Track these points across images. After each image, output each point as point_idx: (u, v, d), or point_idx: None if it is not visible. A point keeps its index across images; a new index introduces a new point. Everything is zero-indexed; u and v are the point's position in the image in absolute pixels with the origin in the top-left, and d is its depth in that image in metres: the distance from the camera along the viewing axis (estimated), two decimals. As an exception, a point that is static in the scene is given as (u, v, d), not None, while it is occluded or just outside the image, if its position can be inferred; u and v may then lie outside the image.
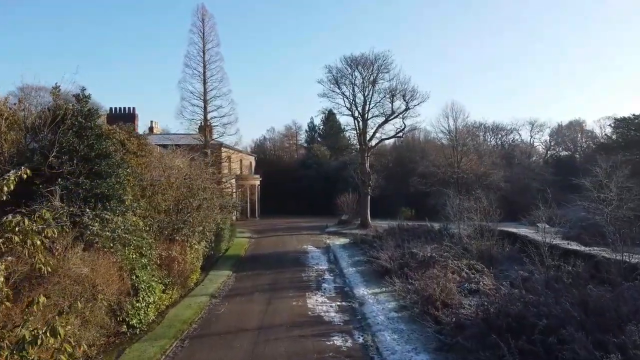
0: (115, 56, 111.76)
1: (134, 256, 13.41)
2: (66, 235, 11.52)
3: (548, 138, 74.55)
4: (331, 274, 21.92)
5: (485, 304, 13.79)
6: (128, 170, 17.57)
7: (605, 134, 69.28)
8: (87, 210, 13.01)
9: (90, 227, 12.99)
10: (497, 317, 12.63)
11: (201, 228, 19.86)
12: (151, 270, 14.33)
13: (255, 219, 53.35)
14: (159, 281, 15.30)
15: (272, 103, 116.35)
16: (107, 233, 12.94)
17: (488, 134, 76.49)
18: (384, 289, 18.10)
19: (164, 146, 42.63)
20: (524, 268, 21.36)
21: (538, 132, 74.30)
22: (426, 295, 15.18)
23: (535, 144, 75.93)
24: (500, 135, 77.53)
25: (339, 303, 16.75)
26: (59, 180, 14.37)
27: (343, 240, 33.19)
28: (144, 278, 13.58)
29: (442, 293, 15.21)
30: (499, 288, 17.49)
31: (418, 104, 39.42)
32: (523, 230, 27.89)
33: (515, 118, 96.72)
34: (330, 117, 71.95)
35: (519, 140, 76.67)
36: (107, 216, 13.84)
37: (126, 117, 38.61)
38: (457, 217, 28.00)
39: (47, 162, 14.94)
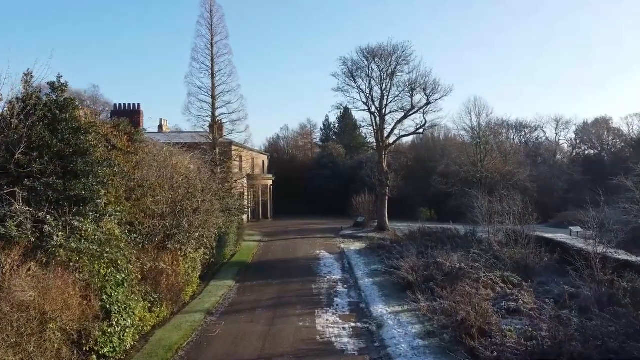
0: (124, 54, 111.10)
1: (106, 271, 11.17)
2: (15, 249, 9.33)
3: (573, 136, 70.72)
4: (345, 286, 19.45)
5: (535, 335, 11.17)
6: (112, 169, 15.49)
7: (635, 132, 65.50)
8: (48, 217, 10.79)
9: (55, 236, 10.79)
10: (554, 354, 10.02)
11: (198, 234, 17.59)
12: (130, 287, 12.09)
13: (268, 221, 51.20)
14: (142, 298, 13.07)
15: (286, 100, 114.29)
16: (73, 244, 10.72)
17: (511, 131, 73.31)
18: (405, 307, 15.57)
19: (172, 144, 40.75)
20: (567, 281, 18.67)
21: (564, 129, 70.53)
22: (459, 320, 12.60)
23: (560, 142, 72.26)
24: (524, 133, 74.24)
25: (353, 324, 14.29)
26: (26, 180, 12.26)
27: (358, 245, 30.70)
28: (119, 297, 11.33)
29: (477, 316, 12.63)
30: (543, 308, 14.86)
31: (440, 97, 36.74)
32: (561, 237, 25.02)
33: (539, 115, 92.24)
34: (346, 115, 69.49)
35: (544, 138, 73.15)
36: (77, 223, 11.66)
37: (131, 113, 36.71)
38: (487, 220, 25.25)
39: (14, 159, 12.87)
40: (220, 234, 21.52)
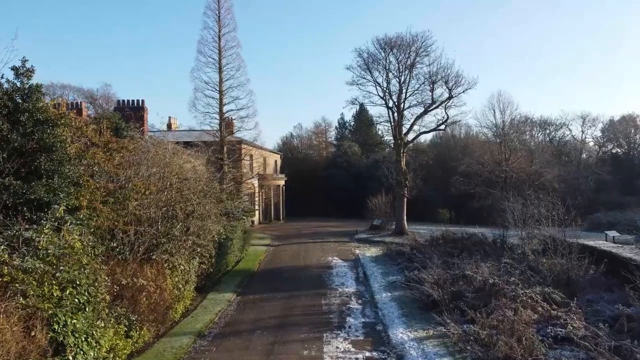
0: (135, 52, 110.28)
1: (61, 294, 9.00)
2: None
3: (600, 134, 66.99)
4: (359, 301, 17.06)
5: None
6: (91, 168, 13.43)
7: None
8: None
9: (-3, 252, 8.68)
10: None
11: (191, 242, 15.39)
12: (95, 311, 9.90)
13: (280, 223, 49.03)
14: (115, 322, 10.90)
15: (300, 98, 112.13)
16: (16, 261, 8.59)
17: (535, 128, 69.95)
18: (431, 332, 13.13)
19: (180, 144, 38.85)
20: (618, 298, 15.99)
21: (590, 127, 66.76)
22: (500, 357, 10.11)
23: (587, 140, 68.59)
24: (548, 131, 70.74)
25: (368, 354, 11.89)
26: (-24, 181, 10.24)
27: (375, 251, 28.25)
28: (78, 325, 9.16)
29: (524, 351, 10.14)
30: (597, 335, 12.25)
31: (463, 91, 33.97)
32: (604, 244, 22.23)
33: (564, 112, 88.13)
34: (361, 112, 66.96)
35: (569, 136, 69.59)
36: (29, 233, 9.55)
37: (135, 109, 34.96)
38: (520, 225, 22.54)
39: (-35, 156, 10.91)
40: (220, 240, 19.32)
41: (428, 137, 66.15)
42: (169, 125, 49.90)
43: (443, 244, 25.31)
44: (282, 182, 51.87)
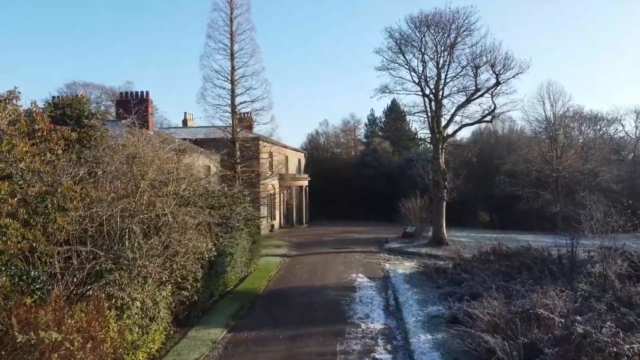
0: (155, 49, 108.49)
1: None
2: None
3: (655, 129, 59.76)
4: (388, 347, 12.50)
5: None
6: None
7: None
8: None
9: None
10: None
11: (153, 267, 11.20)
12: None
13: (302, 227, 44.86)
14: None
15: (327, 94, 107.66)
16: None
17: (584, 124, 63.30)
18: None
19: (191, 141, 35.22)
20: None
21: (646, 122, 59.61)
22: None
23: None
24: (598, 126, 63.89)
25: None
26: None
27: (409, 266, 23.61)
28: None
29: None
30: None
31: (513, 76, 28.75)
32: None
33: (616, 106, 79.98)
34: (393, 108, 62.10)
35: (622, 132, 62.67)
36: None
37: (137, 102, 31.44)
38: (600, 236, 17.36)
39: None
40: (210, 258, 15.11)
41: (466, 133, 60.50)
42: (185, 122, 46.59)
43: (495, 260, 20.41)
44: (305, 183, 47.68)
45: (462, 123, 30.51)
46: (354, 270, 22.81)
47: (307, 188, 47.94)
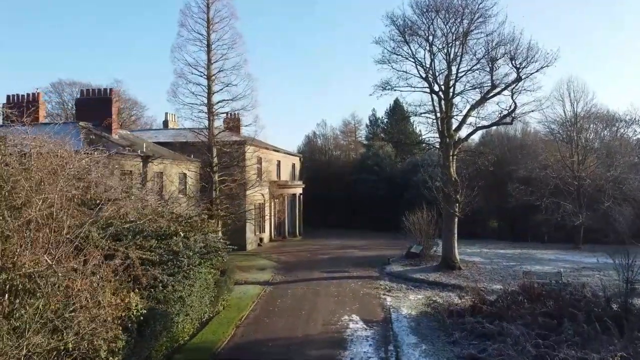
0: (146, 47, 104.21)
1: None
2: None
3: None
4: None
5: None
6: None
7: None
8: None
9: None
10: None
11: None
12: None
13: (295, 240, 40.59)
14: None
15: (327, 94, 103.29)
16: None
17: (600, 125, 58.73)
18: None
19: (164, 144, 30.92)
20: None
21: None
22: None
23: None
24: (615, 128, 59.30)
25: None
26: None
27: (414, 301, 19.26)
28: None
29: None
30: None
31: (537, 70, 24.30)
32: None
33: (634, 106, 75.38)
34: (396, 108, 57.55)
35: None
36: None
37: (100, 101, 27.24)
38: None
39: None
40: (138, 318, 10.72)
41: (474, 135, 55.82)
42: (165, 123, 42.30)
43: (525, 301, 15.93)
44: (299, 190, 43.37)
45: (477, 125, 26.06)
46: (347, 308, 18.42)
47: (302, 196, 43.60)
